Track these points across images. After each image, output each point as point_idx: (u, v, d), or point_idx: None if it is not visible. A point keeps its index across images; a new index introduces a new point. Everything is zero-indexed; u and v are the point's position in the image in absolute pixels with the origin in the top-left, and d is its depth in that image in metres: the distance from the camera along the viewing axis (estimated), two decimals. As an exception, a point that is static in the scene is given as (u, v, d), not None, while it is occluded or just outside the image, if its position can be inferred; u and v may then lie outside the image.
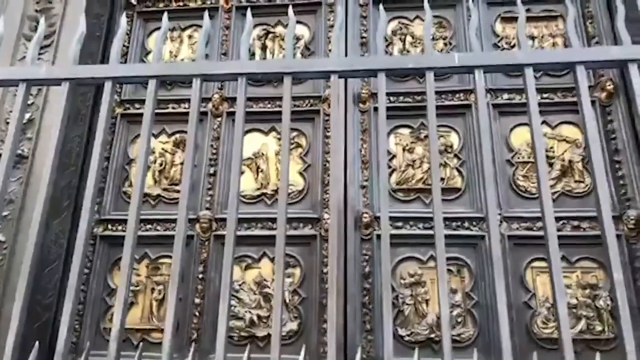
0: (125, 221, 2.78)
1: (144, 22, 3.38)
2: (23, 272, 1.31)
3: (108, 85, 1.48)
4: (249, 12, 1.56)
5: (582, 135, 2.66)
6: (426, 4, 1.51)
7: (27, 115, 2.65)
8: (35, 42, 1.55)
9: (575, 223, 2.61)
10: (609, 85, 2.78)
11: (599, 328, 2.45)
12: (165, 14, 1.63)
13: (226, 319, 1.25)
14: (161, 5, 3.37)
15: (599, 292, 2.48)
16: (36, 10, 2.92)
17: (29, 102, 2.57)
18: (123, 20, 1.62)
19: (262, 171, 2.92)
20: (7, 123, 2.51)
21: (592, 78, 2.84)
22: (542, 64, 1.44)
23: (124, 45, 3.10)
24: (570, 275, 2.54)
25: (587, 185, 2.68)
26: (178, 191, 2.87)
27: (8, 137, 1.43)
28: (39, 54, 1.90)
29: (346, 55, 2.99)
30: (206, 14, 1.65)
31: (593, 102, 2.78)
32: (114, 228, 2.89)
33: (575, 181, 2.72)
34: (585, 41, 2.93)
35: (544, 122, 2.80)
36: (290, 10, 1.56)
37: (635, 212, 2.55)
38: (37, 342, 1.33)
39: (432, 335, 2.50)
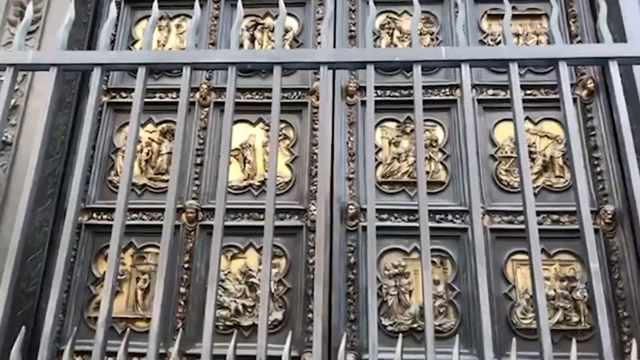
0: (110, 210, 2.80)
1: (132, 10, 3.34)
2: (9, 260, 1.30)
3: (97, 72, 1.48)
4: (239, 4, 1.57)
5: (563, 132, 2.72)
6: (415, 0, 1.54)
7: (12, 101, 2.62)
8: (23, 28, 1.54)
9: (555, 217, 2.67)
10: (590, 83, 2.85)
11: (575, 319, 2.52)
12: (155, 3, 1.63)
13: (213, 308, 1.27)
14: (149, -8, 3.34)
15: (576, 284, 2.55)
16: (21, -4, 2.87)
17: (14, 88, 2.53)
18: (113, 8, 1.61)
19: (249, 162, 2.92)
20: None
21: (574, 76, 2.90)
22: (526, 60, 1.48)
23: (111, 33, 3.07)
24: (549, 267, 2.60)
25: (566, 181, 2.74)
26: (164, 181, 2.89)
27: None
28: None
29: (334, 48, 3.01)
30: (197, 4, 1.66)
31: (574, 100, 2.83)
32: (99, 217, 2.88)
33: (556, 176, 2.78)
34: (568, 39, 2.99)
35: (526, 118, 2.85)
36: (281, 1, 1.57)
37: (612, 207, 2.63)
38: (23, 327, 1.34)
39: (415, 325, 2.55)
